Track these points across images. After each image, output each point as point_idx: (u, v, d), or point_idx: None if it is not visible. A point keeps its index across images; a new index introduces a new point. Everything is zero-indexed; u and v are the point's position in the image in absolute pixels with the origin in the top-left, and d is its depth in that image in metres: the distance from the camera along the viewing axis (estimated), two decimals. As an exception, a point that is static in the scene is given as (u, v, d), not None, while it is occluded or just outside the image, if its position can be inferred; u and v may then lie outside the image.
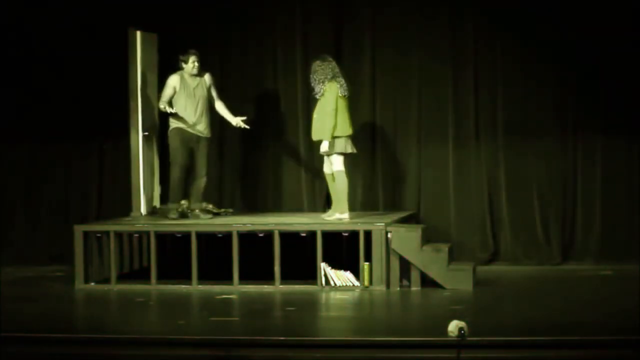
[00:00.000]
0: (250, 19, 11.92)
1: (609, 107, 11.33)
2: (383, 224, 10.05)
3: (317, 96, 10.45)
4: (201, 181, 10.95)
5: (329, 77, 10.34)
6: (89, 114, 11.99)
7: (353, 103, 11.78)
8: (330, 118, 10.30)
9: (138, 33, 11.22)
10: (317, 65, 10.43)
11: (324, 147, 10.34)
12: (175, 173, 10.87)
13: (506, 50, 11.50)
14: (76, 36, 11.93)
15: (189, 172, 11.00)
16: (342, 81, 10.40)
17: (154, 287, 10.27)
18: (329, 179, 10.61)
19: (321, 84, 10.36)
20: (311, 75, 10.47)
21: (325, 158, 10.54)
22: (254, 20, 11.92)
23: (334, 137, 10.33)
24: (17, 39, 12.05)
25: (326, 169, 10.59)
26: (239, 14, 11.92)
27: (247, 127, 10.94)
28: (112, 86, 11.69)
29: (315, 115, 10.50)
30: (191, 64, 10.79)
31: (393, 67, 11.72)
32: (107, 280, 10.43)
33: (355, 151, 10.51)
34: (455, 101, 11.59)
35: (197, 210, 10.88)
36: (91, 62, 11.91)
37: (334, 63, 10.45)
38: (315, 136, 10.52)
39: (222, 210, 11.24)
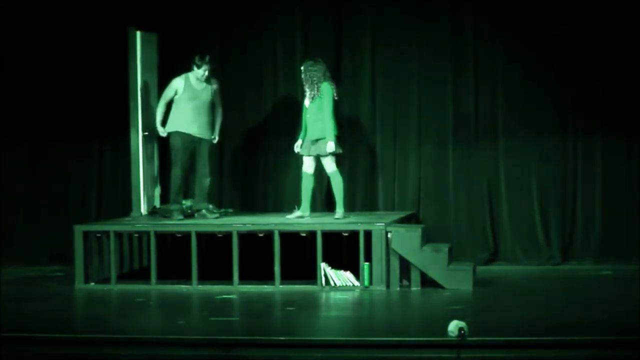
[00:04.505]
0: (250, 19, 11.92)
1: (609, 107, 11.32)
2: (383, 224, 10.05)
3: (314, 97, 10.51)
4: (205, 181, 10.97)
5: (322, 78, 10.52)
6: (89, 114, 11.99)
7: (353, 103, 11.79)
8: (331, 119, 10.43)
9: (138, 33, 11.21)
10: (309, 65, 10.57)
11: (332, 147, 10.43)
12: (177, 173, 10.89)
13: (506, 50, 11.49)
14: (76, 36, 11.92)
15: (189, 173, 11.03)
16: (333, 83, 10.61)
17: (154, 287, 10.27)
18: (309, 180, 10.63)
19: (317, 85, 10.47)
20: (305, 76, 10.57)
21: (310, 159, 10.58)
22: (254, 20, 11.92)
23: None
24: (16, 39, 12.05)
25: (309, 169, 10.62)
26: (239, 14, 11.92)
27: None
28: (112, 86, 11.69)
29: (311, 116, 10.56)
30: (203, 71, 10.80)
31: (393, 67, 11.71)
32: (107, 280, 10.43)
33: (341, 151, 10.67)
34: (455, 101, 11.58)
35: (203, 210, 10.89)
36: (91, 62, 11.91)
37: (324, 64, 10.62)
38: (315, 135, 10.54)
39: (222, 210, 11.23)
